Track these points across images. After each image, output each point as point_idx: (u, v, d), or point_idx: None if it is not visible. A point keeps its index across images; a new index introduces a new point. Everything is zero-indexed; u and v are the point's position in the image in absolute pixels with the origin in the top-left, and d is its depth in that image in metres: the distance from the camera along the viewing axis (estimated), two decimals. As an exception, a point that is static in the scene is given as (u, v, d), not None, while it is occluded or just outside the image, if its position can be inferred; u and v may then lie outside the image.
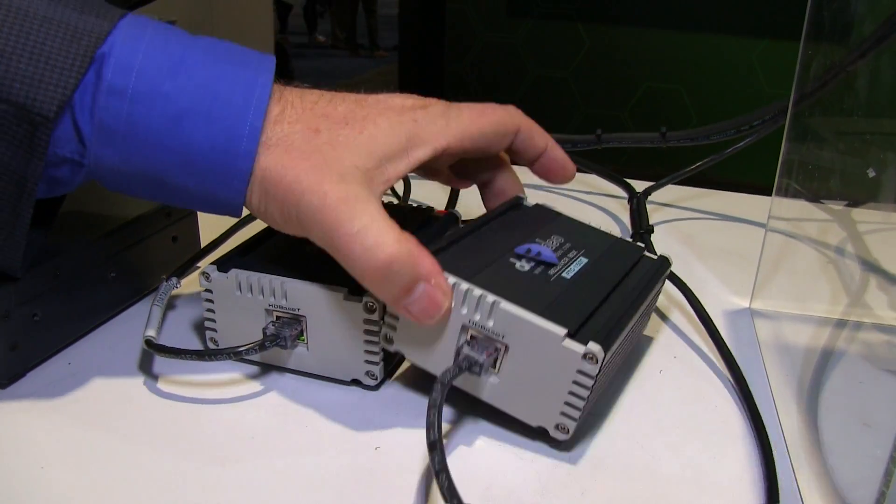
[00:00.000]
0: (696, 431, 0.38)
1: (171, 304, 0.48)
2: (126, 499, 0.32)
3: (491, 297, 0.34)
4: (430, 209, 0.49)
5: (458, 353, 0.36)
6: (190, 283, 0.49)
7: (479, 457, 0.36)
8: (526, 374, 0.35)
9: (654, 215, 0.68)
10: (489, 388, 0.36)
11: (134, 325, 0.45)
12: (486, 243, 0.40)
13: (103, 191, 0.42)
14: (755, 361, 0.45)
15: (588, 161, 0.70)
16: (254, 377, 0.41)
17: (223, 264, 0.40)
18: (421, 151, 0.38)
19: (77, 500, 0.32)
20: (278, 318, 0.40)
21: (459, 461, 0.35)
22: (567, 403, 0.34)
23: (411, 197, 0.64)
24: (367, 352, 0.39)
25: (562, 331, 0.33)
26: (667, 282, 0.49)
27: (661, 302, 0.51)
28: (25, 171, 0.34)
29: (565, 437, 0.35)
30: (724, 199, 0.74)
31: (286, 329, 0.39)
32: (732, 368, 0.42)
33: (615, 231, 0.47)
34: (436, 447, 0.29)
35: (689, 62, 3.66)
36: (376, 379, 0.39)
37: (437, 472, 0.28)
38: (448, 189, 0.58)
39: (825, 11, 0.43)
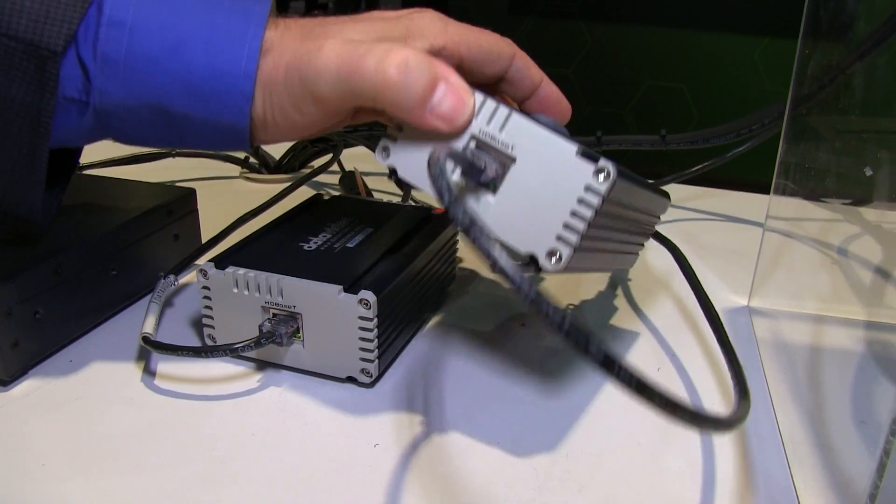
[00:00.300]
0: (693, 429, 0.38)
1: (170, 301, 0.48)
2: (126, 495, 0.33)
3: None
4: (429, 208, 0.49)
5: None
6: (190, 280, 0.49)
7: (477, 453, 0.36)
8: (527, 193, 0.32)
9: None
10: (484, 207, 0.33)
11: (135, 322, 0.45)
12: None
13: (106, 189, 0.43)
14: (753, 359, 0.45)
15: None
16: (251, 374, 0.41)
17: (220, 261, 0.41)
18: (419, 43, 0.37)
19: (77, 497, 0.32)
20: (275, 315, 0.40)
21: (457, 458, 0.35)
22: (566, 226, 0.31)
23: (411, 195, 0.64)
24: (363, 349, 0.39)
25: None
26: (663, 278, 0.49)
27: (661, 299, 0.51)
28: (39, 105, 0.34)
29: (556, 267, 0.32)
30: (725, 198, 0.74)
31: (282, 326, 0.39)
32: (732, 364, 0.42)
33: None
34: (456, 202, 0.27)
35: (691, 60, 3.66)
36: (371, 376, 0.40)
37: (468, 225, 0.26)
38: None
39: (822, 11, 0.43)
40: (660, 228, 0.64)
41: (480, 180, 0.33)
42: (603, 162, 0.31)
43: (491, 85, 0.41)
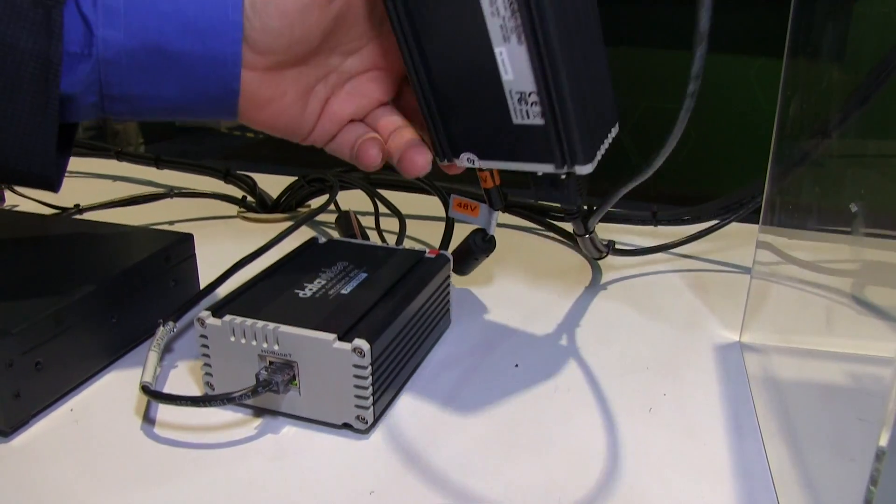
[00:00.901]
0: (685, 468, 0.39)
1: (169, 346, 0.49)
2: (124, 547, 0.33)
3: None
4: (422, 252, 0.50)
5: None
6: (189, 323, 0.50)
7: (471, 500, 0.36)
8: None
9: (650, 256, 0.69)
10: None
11: (135, 368, 0.46)
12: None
13: (105, 235, 0.44)
14: (744, 395, 0.45)
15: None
16: (249, 420, 0.42)
17: (217, 310, 0.42)
18: None
19: (77, 549, 0.33)
20: (271, 363, 0.41)
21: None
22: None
23: (405, 235, 0.65)
24: (358, 396, 0.39)
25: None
26: (656, 315, 0.50)
27: (651, 337, 0.52)
28: (48, 52, 0.36)
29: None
30: (719, 231, 0.74)
31: (279, 374, 0.40)
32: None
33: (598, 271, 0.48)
34: None
35: (687, 81, 3.69)
36: (367, 423, 0.40)
37: None
38: (441, 230, 0.59)
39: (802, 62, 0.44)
40: (655, 263, 0.66)
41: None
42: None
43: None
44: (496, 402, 0.44)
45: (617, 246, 0.63)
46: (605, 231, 0.65)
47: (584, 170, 0.39)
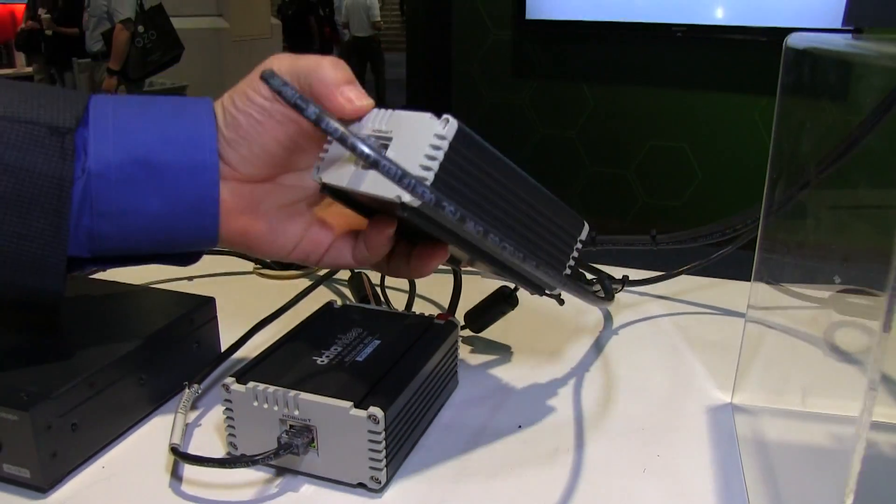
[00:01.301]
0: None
1: (195, 406, 0.52)
2: None
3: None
4: (431, 317, 0.53)
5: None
6: (210, 386, 0.53)
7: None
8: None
9: (649, 306, 0.72)
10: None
11: (161, 426, 0.50)
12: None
13: (133, 298, 0.47)
14: (733, 457, 0.48)
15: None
16: (270, 479, 0.45)
17: (241, 376, 0.45)
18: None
19: None
20: (291, 426, 0.44)
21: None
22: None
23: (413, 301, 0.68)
24: (372, 458, 0.42)
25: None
26: (652, 375, 0.53)
27: (646, 398, 0.55)
28: (62, 173, 0.41)
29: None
30: (717, 288, 0.77)
31: (298, 437, 0.43)
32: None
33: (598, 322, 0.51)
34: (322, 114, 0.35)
35: (693, 120, 3.72)
36: (380, 483, 0.43)
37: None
38: (448, 295, 0.62)
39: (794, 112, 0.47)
40: (653, 321, 0.69)
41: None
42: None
43: None
44: (501, 462, 0.47)
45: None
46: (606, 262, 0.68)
47: (557, 289, 0.46)
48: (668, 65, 3.65)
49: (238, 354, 0.56)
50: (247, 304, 0.68)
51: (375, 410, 0.41)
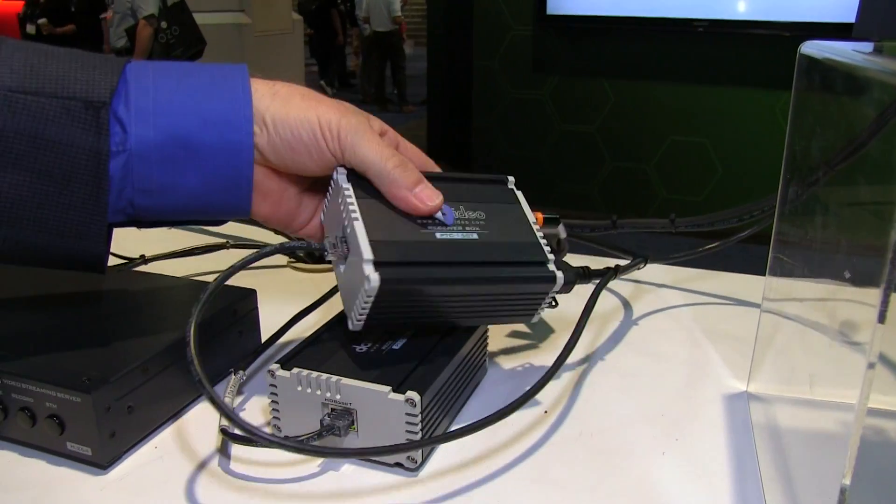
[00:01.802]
0: (691, 508, 0.44)
1: (240, 391, 0.55)
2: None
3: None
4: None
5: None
6: (253, 372, 0.57)
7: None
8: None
9: (667, 297, 0.75)
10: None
11: (208, 411, 0.53)
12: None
13: (180, 291, 0.51)
14: (748, 444, 0.51)
15: (604, 246, 0.76)
16: (312, 459, 0.48)
17: (286, 363, 0.48)
18: (377, 124, 0.50)
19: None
20: (333, 410, 0.47)
21: None
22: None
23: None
24: (409, 439, 0.45)
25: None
26: (671, 364, 0.56)
27: (666, 386, 0.58)
28: (98, 147, 0.44)
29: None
30: (734, 281, 0.80)
31: (340, 420, 0.46)
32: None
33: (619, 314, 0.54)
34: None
35: (713, 115, 3.73)
36: (416, 463, 0.46)
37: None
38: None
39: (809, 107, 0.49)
40: (669, 311, 0.71)
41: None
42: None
43: None
44: (527, 444, 0.50)
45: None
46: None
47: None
48: (688, 60, 3.66)
49: (278, 343, 0.59)
50: (282, 297, 0.71)
51: (412, 394, 0.44)
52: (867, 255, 0.40)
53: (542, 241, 0.51)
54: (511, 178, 0.55)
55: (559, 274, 0.50)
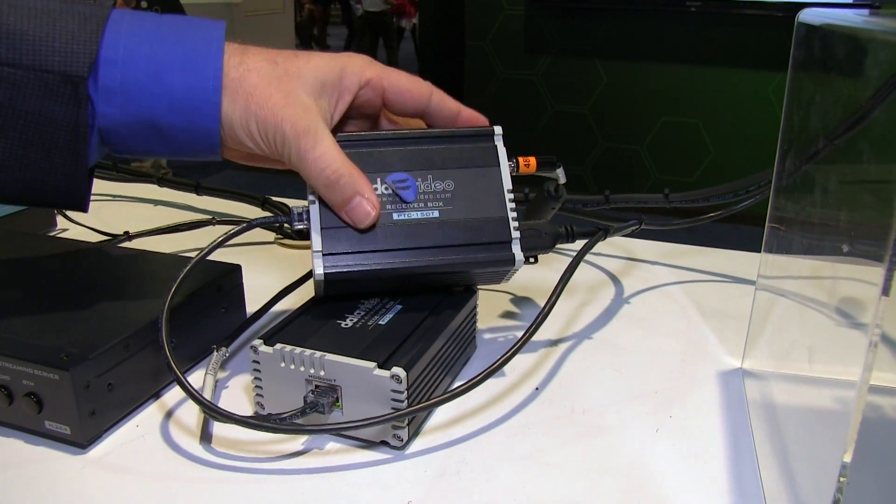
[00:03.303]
0: (686, 485, 0.43)
1: (223, 368, 0.54)
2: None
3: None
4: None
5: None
6: (237, 349, 0.55)
7: (494, 510, 0.41)
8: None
9: (660, 274, 0.74)
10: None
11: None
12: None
13: (164, 266, 0.50)
14: (743, 420, 0.50)
15: (597, 220, 0.75)
16: (296, 437, 0.47)
17: (269, 339, 0.47)
18: (350, 79, 0.50)
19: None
20: (317, 386, 0.46)
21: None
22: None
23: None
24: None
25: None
26: (664, 341, 0.55)
27: (660, 363, 0.57)
28: (76, 119, 0.44)
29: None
30: (728, 257, 0.79)
31: (324, 397, 0.45)
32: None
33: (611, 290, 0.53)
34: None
35: (706, 96, 3.71)
36: (402, 441, 0.45)
37: None
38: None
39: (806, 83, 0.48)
40: (664, 288, 0.70)
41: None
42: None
43: (416, 117, 0.54)
44: (519, 422, 0.49)
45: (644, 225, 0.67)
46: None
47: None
48: (681, 40, 3.64)
49: (264, 320, 0.58)
50: (270, 273, 0.70)
51: (398, 371, 0.43)
52: (868, 228, 0.39)
53: (512, 215, 0.51)
54: (498, 130, 0.53)
55: (518, 256, 0.50)
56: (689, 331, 0.62)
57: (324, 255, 0.48)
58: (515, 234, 0.50)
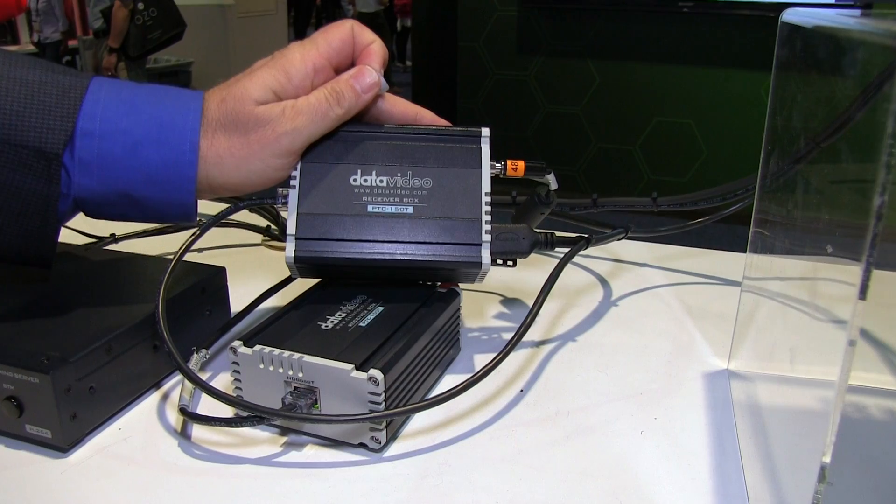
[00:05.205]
0: (670, 487, 0.43)
1: (204, 369, 0.54)
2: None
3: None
4: (433, 286, 0.55)
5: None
6: (218, 350, 0.55)
7: (476, 513, 0.41)
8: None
9: (648, 276, 0.74)
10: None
11: (175, 391, 0.51)
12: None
13: (147, 269, 0.49)
14: (728, 421, 0.50)
15: (585, 224, 0.75)
16: (276, 438, 0.47)
17: (248, 340, 0.46)
18: (299, 78, 0.49)
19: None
20: (296, 388, 0.45)
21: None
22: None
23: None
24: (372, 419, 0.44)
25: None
26: (651, 342, 0.55)
27: (645, 364, 0.56)
28: (48, 193, 0.45)
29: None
30: (715, 258, 0.79)
31: (302, 399, 0.45)
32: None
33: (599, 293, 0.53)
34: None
35: (699, 96, 3.72)
36: (380, 443, 0.45)
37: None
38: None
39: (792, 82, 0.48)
40: (652, 290, 0.70)
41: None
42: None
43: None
44: (502, 424, 0.49)
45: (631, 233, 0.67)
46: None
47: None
48: (674, 40, 3.64)
49: (246, 321, 0.58)
50: (255, 274, 0.70)
51: (375, 373, 0.43)
52: (849, 228, 0.39)
53: (485, 218, 0.50)
54: (485, 132, 0.52)
55: (485, 260, 0.50)
56: (677, 332, 0.62)
57: (297, 238, 0.49)
58: (486, 238, 0.50)
